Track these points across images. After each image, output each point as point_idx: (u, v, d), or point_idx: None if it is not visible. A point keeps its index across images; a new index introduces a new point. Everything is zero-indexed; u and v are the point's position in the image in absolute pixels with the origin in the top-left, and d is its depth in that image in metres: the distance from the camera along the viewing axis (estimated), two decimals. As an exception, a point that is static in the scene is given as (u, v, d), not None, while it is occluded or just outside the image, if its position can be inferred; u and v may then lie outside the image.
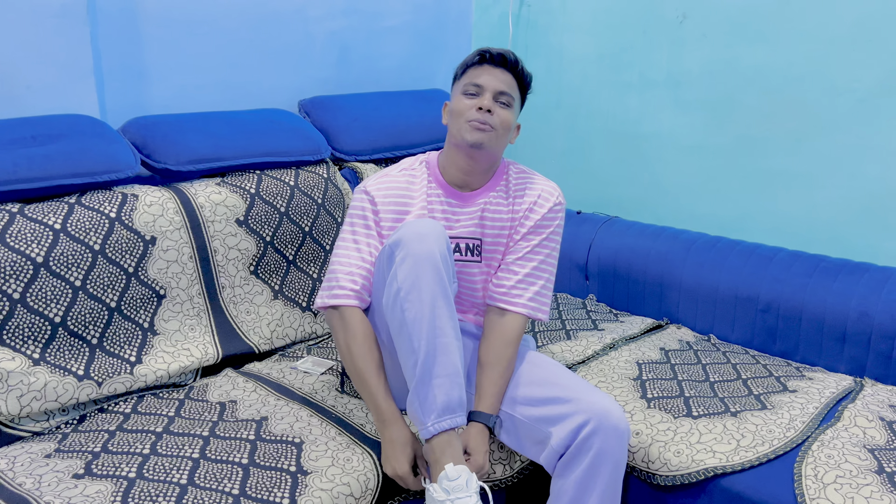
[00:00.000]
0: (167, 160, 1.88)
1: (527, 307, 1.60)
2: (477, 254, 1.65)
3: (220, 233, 1.86)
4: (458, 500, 1.30)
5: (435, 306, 1.37)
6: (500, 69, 1.58)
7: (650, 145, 2.45)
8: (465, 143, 1.56)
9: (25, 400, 1.50)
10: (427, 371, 1.36)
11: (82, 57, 1.86)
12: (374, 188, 1.62)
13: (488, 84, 1.56)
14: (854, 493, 1.36)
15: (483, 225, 1.64)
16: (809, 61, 2.07)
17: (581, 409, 1.42)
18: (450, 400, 1.37)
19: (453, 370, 1.38)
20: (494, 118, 1.55)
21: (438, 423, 1.36)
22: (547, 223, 1.64)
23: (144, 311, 1.73)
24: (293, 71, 2.35)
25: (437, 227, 1.43)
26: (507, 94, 1.57)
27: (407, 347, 1.39)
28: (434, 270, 1.37)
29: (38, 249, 1.57)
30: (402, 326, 1.38)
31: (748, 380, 1.79)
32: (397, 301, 1.38)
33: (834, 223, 2.09)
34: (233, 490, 1.32)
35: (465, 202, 1.64)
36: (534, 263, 1.63)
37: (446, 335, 1.38)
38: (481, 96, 1.56)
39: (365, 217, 1.60)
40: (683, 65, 2.32)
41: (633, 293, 2.25)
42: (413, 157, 1.70)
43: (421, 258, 1.37)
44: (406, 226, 1.43)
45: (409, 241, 1.39)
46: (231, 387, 1.71)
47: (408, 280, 1.37)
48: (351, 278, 1.54)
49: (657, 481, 1.54)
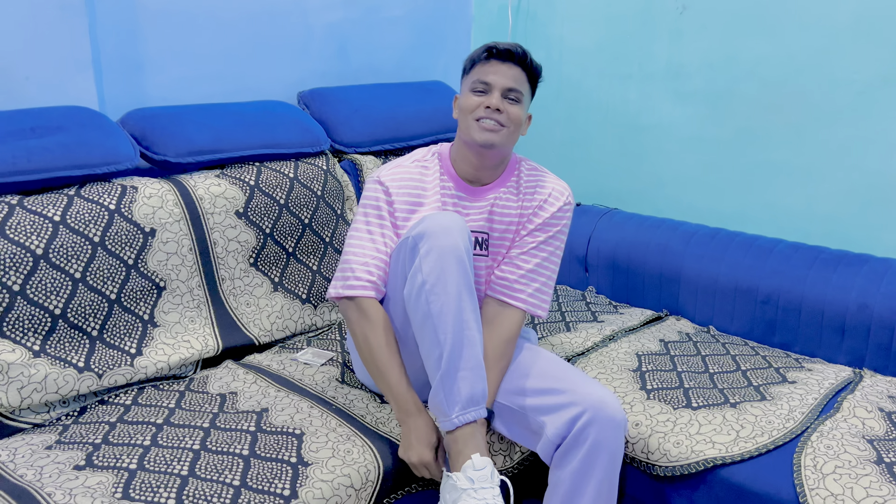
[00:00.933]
0: (166, 152, 1.88)
1: (527, 303, 1.61)
2: (484, 248, 1.65)
3: (220, 225, 1.85)
4: (481, 490, 1.31)
5: (461, 299, 1.38)
6: (509, 64, 1.56)
7: (650, 137, 2.45)
8: (474, 143, 1.56)
9: (26, 392, 1.51)
10: (453, 364, 1.38)
11: (81, 49, 1.85)
12: (388, 178, 1.61)
13: (496, 81, 1.55)
14: (853, 484, 1.37)
15: (492, 220, 1.64)
16: (809, 53, 2.07)
17: (576, 401, 1.42)
18: (474, 392, 1.39)
19: (477, 363, 1.40)
20: (504, 116, 1.54)
21: (463, 414, 1.38)
22: (555, 222, 1.64)
23: (144, 304, 1.73)
24: (292, 63, 2.34)
25: (460, 220, 1.44)
26: (516, 89, 1.56)
27: (431, 339, 1.39)
28: (459, 263, 1.38)
29: (37, 241, 1.57)
30: (426, 318, 1.39)
31: (748, 371, 1.79)
32: (422, 293, 1.38)
33: (833, 215, 2.09)
34: (234, 481, 1.32)
35: (476, 196, 1.64)
36: (538, 260, 1.63)
37: (471, 328, 1.39)
38: (490, 94, 1.55)
39: (378, 207, 1.60)
40: (683, 56, 2.32)
41: (633, 285, 2.25)
42: (425, 149, 1.69)
43: (446, 251, 1.38)
44: (429, 218, 1.43)
45: (433, 234, 1.39)
46: (231, 378, 1.71)
47: (433, 273, 1.37)
48: (367, 269, 1.54)
49: (657, 472, 1.54)
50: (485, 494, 1.31)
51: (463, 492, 1.32)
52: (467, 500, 1.31)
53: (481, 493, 1.31)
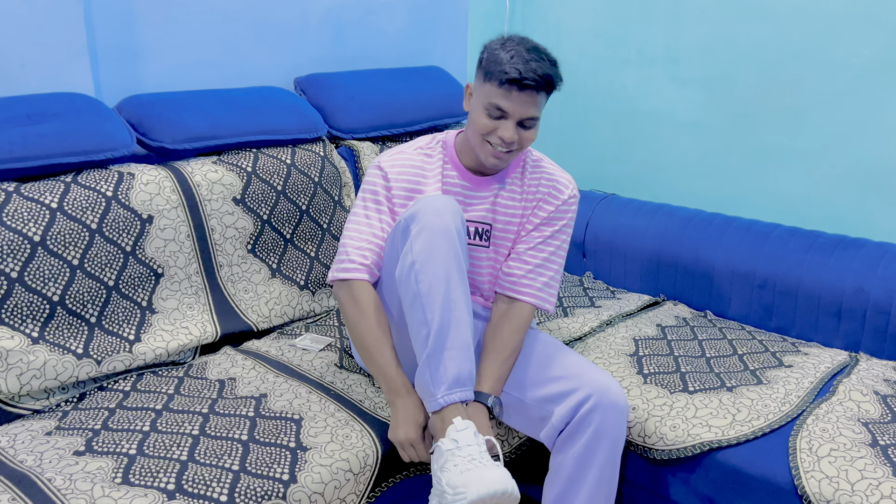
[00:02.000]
0: (163, 138, 1.87)
1: (536, 297, 1.61)
2: (486, 239, 1.65)
3: (217, 211, 1.85)
4: (466, 448, 1.28)
5: (450, 279, 1.37)
6: (530, 91, 1.45)
7: (647, 122, 2.45)
8: (481, 162, 1.56)
9: (25, 378, 1.51)
10: (440, 343, 1.36)
11: (77, 35, 1.85)
12: (388, 164, 1.61)
13: (514, 112, 1.47)
14: (848, 466, 1.38)
15: (495, 211, 1.63)
16: (807, 37, 2.06)
17: (581, 386, 1.43)
18: (460, 373, 1.37)
19: (464, 344, 1.38)
20: (515, 144, 1.51)
21: (449, 395, 1.36)
22: (560, 215, 1.64)
23: (143, 290, 1.73)
24: (289, 48, 2.33)
25: (452, 202, 1.43)
26: (534, 116, 1.49)
27: (419, 319, 1.38)
28: (450, 244, 1.38)
29: (35, 228, 1.56)
30: (415, 298, 1.38)
31: (744, 355, 1.80)
32: (412, 272, 1.38)
33: (830, 199, 2.09)
34: (233, 466, 1.33)
35: (479, 187, 1.63)
36: (544, 254, 1.63)
37: (459, 309, 1.38)
38: (505, 121, 1.48)
39: (376, 192, 1.60)
40: (681, 41, 2.31)
41: (630, 270, 2.26)
42: (430, 136, 1.68)
43: (437, 231, 1.37)
44: (422, 200, 1.43)
45: (425, 215, 1.39)
46: (230, 364, 1.71)
47: (423, 252, 1.37)
48: (361, 252, 1.54)
49: (653, 455, 1.55)
50: (470, 451, 1.28)
51: (448, 452, 1.29)
52: (452, 458, 1.28)
53: (466, 451, 1.28)
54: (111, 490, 1.24)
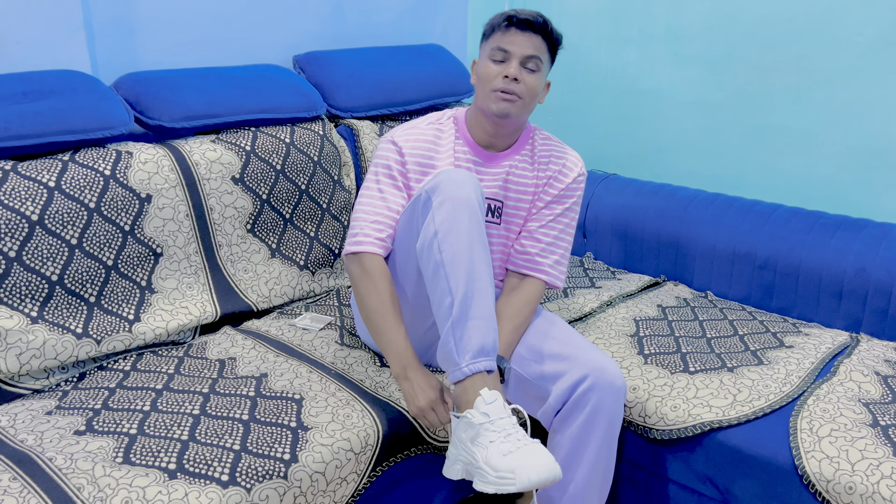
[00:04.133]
0: (161, 117, 1.86)
1: (549, 274, 1.63)
2: (497, 216, 1.65)
3: (216, 191, 1.84)
4: (499, 421, 1.27)
5: (473, 249, 1.37)
6: (528, 33, 1.53)
7: (649, 101, 2.43)
8: (490, 112, 1.56)
9: (25, 358, 1.51)
10: (464, 311, 1.34)
11: (73, 11, 1.82)
12: (401, 139, 1.61)
13: (515, 50, 1.53)
14: (848, 446, 1.38)
15: (507, 188, 1.64)
16: (811, 15, 2.04)
17: (578, 366, 1.43)
18: (485, 343, 1.35)
19: (489, 313, 1.37)
20: (521, 86, 1.53)
21: (474, 363, 1.33)
22: (570, 193, 1.66)
23: (142, 270, 1.72)
24: (287, 25, 2.30)
25: (473, 177, 1.43)
26: (536, 57, 1.53)
27: (442, 288, 1.36)
28: (472, 214, 1.38)
29: (32, 207, 1.55)
30: (438, 268, 1.36)
31: (745, 336, 1.80)
32: (434, 242, 1.37)
33: (833, 179, 2.08)
34: (234, 445, 1.33)
35: (490, 162, 1.64)
36: (555, 232, 1.65)
37: (483, 279, 1.37)
38: (508, 63, 1.53)
39: (389, 167, 1.59)
40: (683, 18, 2.29)
41: (631, 251, 2.25)
42: (440, 112, 1.69)
43: (460, 202, 1.37)
44: (443, 173, 1.42)
45: (447, 186, 1.39)
46: (230, 344, 1.71)
47: (446, 222, 1.36)
48: (375, 226, 1.54)
49: (654, 436, 1.56)
50: (503, 425, 1.27)
51: (480, 426, 1.27)
52: (486, 433, 1.26)
53: (499, 424, 1.27)
54: (112, 469, 1.24)
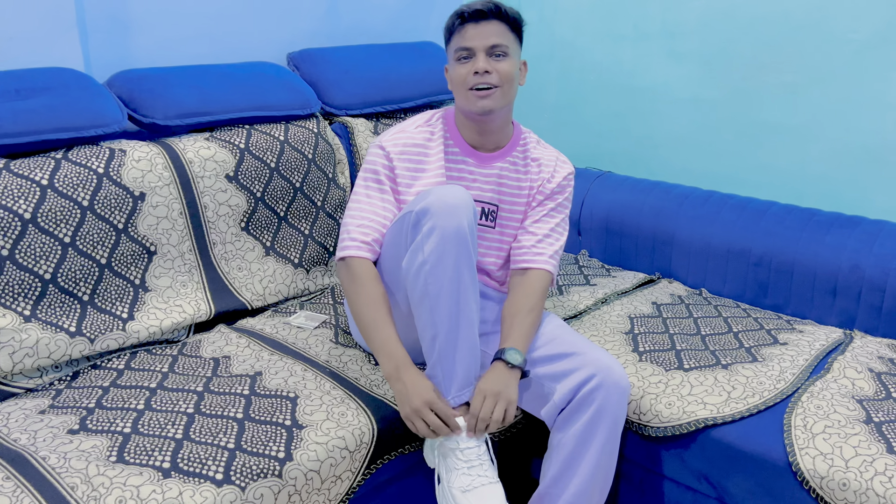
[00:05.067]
0: (154, 114, 1.85)
1: (549, 263, 1.63)
2: (492, 219, 1.65)
3: (210, 188, 1.84)
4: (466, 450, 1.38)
5: (460, 282, 1.38)
6: (483, 23, 1.52)
7: (644, 98, 2.43)
8: (473, 113, 1.56)
9: (18, 356, 1.50)
10: (451, 346, 1.39)
11: (66, 8, 1.81)
12: (390, 143, 1.60)
13: (476, 44, 1.52)
14: (842, 443, 1.38)
15: (501, 192, 1.65)
16: (806, 12, 2.04)
17: (584, 365, 1.44)
18: (469, 374, 1.42)
19: (472, 344, 1.42)
20: (493, 76, 1.52)
21: (459, 395, 1.42)
22: (560, 190, 1.68)
23: (135, 268, 1.71)
24: (281, 23, 2.29)
25: (465, 196, 1.41)
26: (500, 44, 1.53)
27: (426, 319, 1.40)
28: (461, 246, 1.37)
29: (25, 206, 1.55)
30: (423, 298, 1.39)
31: (739, 333, 1.80)
32: (421, 273, 1.38)
33: (827, 177, 2.09)
34: (228, 444, 1.33)
35: (483, 163, 1.64)
36: (550, 225, 1.66)
37: (469, 309, 1.40)
38: (474, 59, 1.53)
39: (377, 172, 1.59)
40: (679, 15, 2.29)
41: (626, 248, 2.25)
42: (429, 112, 1.68)
43: (448, 233, 1.36)
44: (434, 193, 1.40)
45: (437, 213, 1.37)
46: (224, 343, 1.71)
47: (434, 254, 1.36)
48: (361, 231, 1.54)
49: (649, 433, 1.56)
50: (469, 455, 1.37)
51: (450, 450, 1.38)
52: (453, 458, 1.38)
53: (466, 453, 1.37)
54: (106, 468, 1.24)
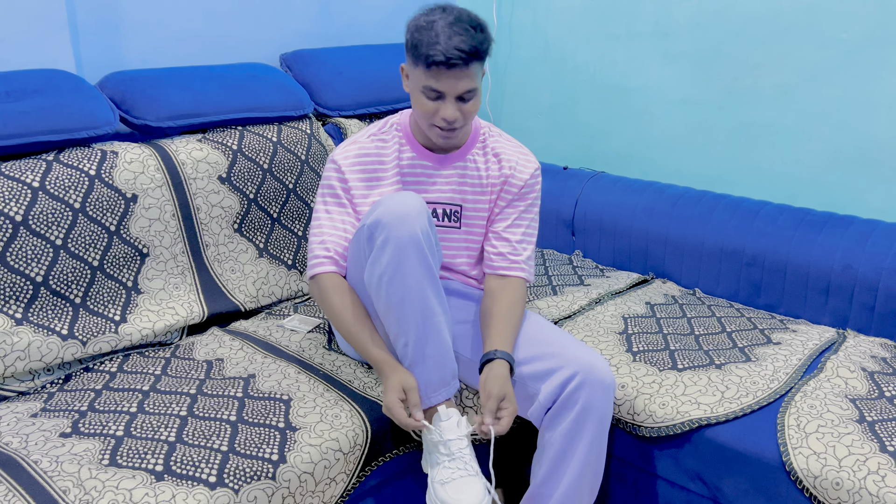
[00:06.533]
0: (146, 116, 1.84)
1: (525, 270, 1.62)
2: (456, 220, 1.64)
3: (203, 190, 1.83)
4: (448, 443, 1.37)
5: (422, 288, 1.37)
6: (456, 69, 1.41)
7: (637, 99, 2.43)
8: (432, 142, 1.57)
9: (9, 360, 1.49)
10: (420, 352, 1.40)
11: (57, 9, 1.80)
12: (341, 157, 1.59)
13: (449, 91, 1.44)
14: (835, 442, 1.38)
15: (463, 191, 1.63)
16: (798, 12, 2.04)
17: (567, 363, 1.43)
18: (443, 375, 1.42)
19: (444, 347, 1.42)
20: (460, 119, 1.48)
21: (436, 395, 1.42)
22: (529, 189, 1.65)
23: (128, 270, 1.71)
24: (274, 23, 2.29)
25: (416, 202, 1.38)
26: (471, 89, 1.45)
27: (395, 329, 1.41)
28: (417, 252, 1.36)
29: (16, 208, 1.54)
30: (389, 308, 1.39)
31: (733, 333, 1.80)
32: (381, 285, 1.38)
33: (820, 176, 2.09)
34: (221, 447, 1.32)
35: (441, 164, 1.62)
36: (522, 229, 1.65)
37: (435, 314, 1.39)
38: (443, 102, 1.46)
39: (333, 187, 1.59)
40: (671, 16, 2.29)
41: (619, 248, 2.25)
42: (383, 120, 1.65)
43: (402, 242, 1.34)
44: (383, 204, 1.38)
45: (388, 224, 1.35)
46: (217, 345, 1.70)
47: (391, 265, 1.36)
48: (323, 246, 1.55)
49: (642, 433, 1.56)
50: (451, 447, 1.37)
51: (433, 444, 1.39)
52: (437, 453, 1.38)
53: (449, 445, 1.37)
54: (98, 472, 1.23)
